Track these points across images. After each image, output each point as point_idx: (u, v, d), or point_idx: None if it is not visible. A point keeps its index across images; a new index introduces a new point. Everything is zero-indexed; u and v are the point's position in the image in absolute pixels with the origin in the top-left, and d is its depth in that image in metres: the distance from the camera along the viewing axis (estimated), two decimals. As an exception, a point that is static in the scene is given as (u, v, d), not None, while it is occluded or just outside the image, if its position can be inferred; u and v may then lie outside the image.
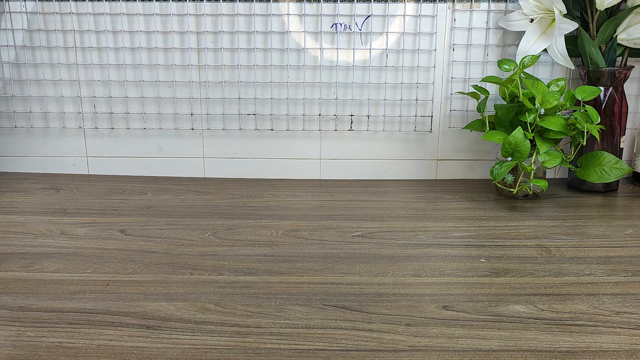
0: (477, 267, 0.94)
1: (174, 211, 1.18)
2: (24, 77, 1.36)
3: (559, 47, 1.25)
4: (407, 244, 1.03)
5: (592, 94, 1.21)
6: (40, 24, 1.33)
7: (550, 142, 1.20)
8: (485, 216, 1.17)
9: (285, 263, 0.95)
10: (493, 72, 1.35)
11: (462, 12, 1.32)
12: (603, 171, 1.22)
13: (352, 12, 1.31)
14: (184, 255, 0.98)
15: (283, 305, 0.82)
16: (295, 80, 1.35)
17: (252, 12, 1.31)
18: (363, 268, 0.93)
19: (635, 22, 1.24)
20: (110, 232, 1.07)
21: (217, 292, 0.85)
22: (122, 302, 0.82)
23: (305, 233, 1.07)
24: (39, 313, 0.79)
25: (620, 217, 1.16)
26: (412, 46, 1.33)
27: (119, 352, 0.71)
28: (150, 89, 1.36)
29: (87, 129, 1.40)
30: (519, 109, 1.21)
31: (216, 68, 1.35)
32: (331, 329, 0.76)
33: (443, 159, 1.41)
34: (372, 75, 1.35)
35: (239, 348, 0.72)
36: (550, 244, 1.03)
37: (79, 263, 0.95)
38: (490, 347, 0.72)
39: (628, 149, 1.40)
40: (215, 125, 1.38)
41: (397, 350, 0.71)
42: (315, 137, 1.39)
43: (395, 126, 1.38)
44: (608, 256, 0.98)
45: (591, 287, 0.87)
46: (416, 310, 0.81)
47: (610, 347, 0.72)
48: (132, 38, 1.33)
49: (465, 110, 1.37)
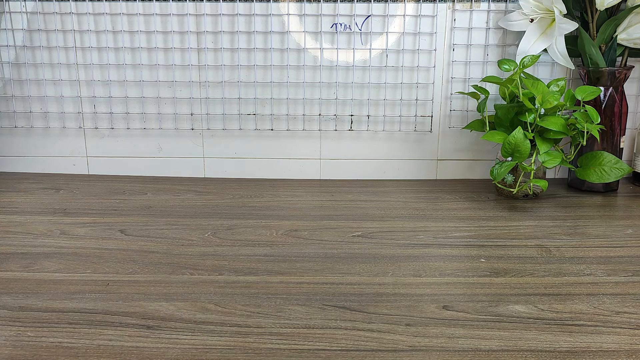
0: (477, 267, 0.94)
1: (174, 211, 1.18)
2: (24, 77, 1.36)
3: (559, 47, 1.25)
4: (407, 244, 1.03)
5: (592, 94, 1.21)
6: (40, 24, 1.33)
7: (550, 142, 1.20)
8: (485, 216, 1.17)
9: (285, 263, 0.95)
10: (493, 72, 1.35)
11: (462, 12, 1.32)
12: (603, 171, 1.22)
13: (352, 12, 1.31)
14: (184, 255, 0.98)
15: (283, 305, 0.82)
16: (295, 80, 1.35)
17: (252, 12, 1.31)
18: (363, 268, 0.93)
19: (635, 22, 1.24)
20: (110, 232, 1.07)
21: (217, 292, 0.85)
22: (122, 302, 0.82)
23: (305, 233, 1.07)
24: (39, 313, 0.79)
25: (620, 217, 1.16)
26: (412, 46, 1.33)
27: (119, 352, 0.71)
28: (150, 89, 1.36)
29: (87, 129, 1.40)
30: (519, 109, 1.21)
31: (216, 68, 1.35)
32: (331, 329, 0.76)
33: (443, 159, 1.41)
34: (372, 75, 1.35)
35: (239, 348, 0.72)
36: (550, 244, 1.03)
37: (79, 263, 0.95)
38: (490, 347, 0.72)
39: (628, 149, 1.40)
40: (215, 125, 1.38)
41: (397, 350, 0.71)
42: (315, 137, 1.39)
43: (395, 126, 1.38)
44: (608, 256, 0.98)
45: (591, 287, 0.87)
46: (416, 310, 0.81)
47: (610, 347, 0.72)
48: (132, 38, 1.33)
49: (465, 110, 1.37)
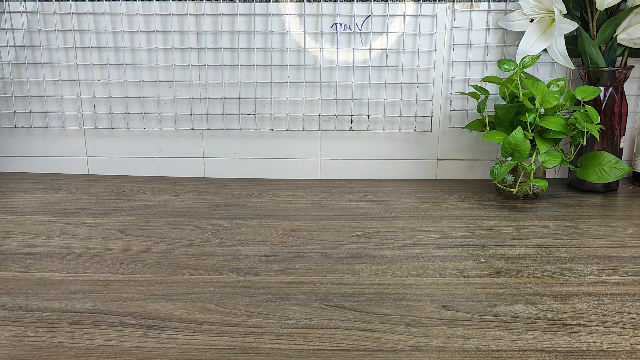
0: (477, 267, 0.94)
1: (174, 211, 1.18)
2: (24, 77, 1.36)
3: (559, 47, 1.25)
4: (407, 244, 1.03)
5: (592, 94, 1.21)
6: (40, 24, 1.33)
7: (550, 142, 1.20)
8: (485, 216, 1.17)
9: (285, 263, 0.95)
10: (493, 72, 1.35)
11: (462, 12, 1.32)
12: (603, 171, 1.22)
13: (352, 12, 1.31)
14: (184, 255, 0.98)
15: (283, 305, 0.82)
16: (295, 80, 1.35)
17: (252, 12, 1.31)
18: (363, 268, 0.93)
19: (635, 22, 1.24)
20: (110, 232, 1.07)
21: (217, 292, 0.85)
22: (122, 302, 0.82)
23: (305, 233, 1.07)
24: (39, 313, 0.79)
25: (620, 217, 1.16)
26: (412, 46, 1.33)
27: (119, 352, 0.71)
28: (150, 89, 1.36)
29: (87, 129, 1.40)
30: (519, 109, 1.21)
31: (216, 68, 1.35)
32: (331, 329, 0.76)
33: (443, 159, 1.41)
34: (372, 75, 1.35)
35: (239, 348, 0.72)
36: (550, 244, 1.03)
37: (79, 263, 0.95)
38: (490, 347, 0.72)
39: (628, 149, 1.40)
40: (215, 125, 1.38)
41: (397, 350, 0.71)
42: (315, 137, 1.39)
43: (395, 126, 1.38)
44: (608, 256, 0.98)
45: (591, 287, 0.87)
46: (416, 310, 0.81)
47: (610, 347, 0.72)
48: (132, 38, 1.33)
49: (465, 110, 1.37)
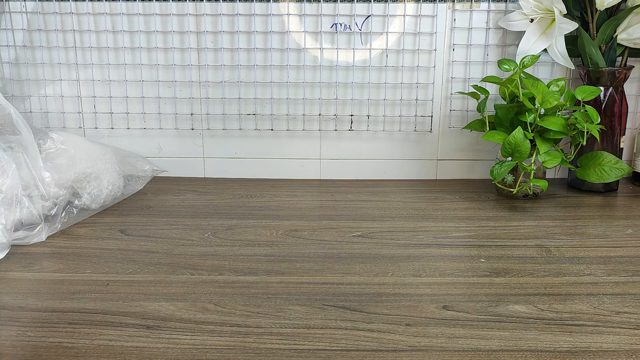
0: (477, 267, 0.94)
1: (174, 211, 1.18)
2: (24, 77, 1.36)
3: (559, 47, 1.25)
4: (407, 244, 1.03)
5: (592, 94, 1.21)
6: (40, 24, 1.33)
7: (550, 142, 1.20)
8: (485, 216, 1.17)
9: (285, 263, 0.95)
10: (493, 72, 1.35)
11: (462, 12, 1.32)
12: (603, 171, 1.22)
13: (352, 12, 1.31)
14: (184, 255, 0.98)
15: (283, 305, 0.82)
16: (295, 80, 1.35)
17: (252, 12, 1.31)
18: (363, 268, 0.93)
19: (635, 22, 1.24)
20: (110, 232, 1.07)
21: (217, 292, 0.85)
22: (122, 302, 0.82)
23: (305, 233, 1.07)
24: (39, 313, 0.79)
25: (620, 217, 1.16)
26: (412, 46, 1.33)
27: (119, 352, 0.71)
28: (150, 89, 1.36)
29: (87, 129, 1.40)
30: (519, 109, 1.21)
31: (216, 68, 1.35)
32: (331, 329, 0.76)
33: (443, 159, 1.41)
34: (372, 75, 1.35)
35: (239, 348, 0.72)
36: (550, 244, 1.03)
37: (79, 263, 0.95)
38: (490, 347, 0.72)
39: (628, 149, 1.40)
40: (215, 125, 1.38)
41: (397, 350, 0.71)
42: (315, 137, 1.39)
43: (395, 126, 1.38)
44: (608, 256, 0.98)
45: (591, 287, 0.87)
46: (416, 310, 0.81)
47: (610, 347, 0.72)
48: (132, 38, 1.33)
49: (465, 110, 1.37)
